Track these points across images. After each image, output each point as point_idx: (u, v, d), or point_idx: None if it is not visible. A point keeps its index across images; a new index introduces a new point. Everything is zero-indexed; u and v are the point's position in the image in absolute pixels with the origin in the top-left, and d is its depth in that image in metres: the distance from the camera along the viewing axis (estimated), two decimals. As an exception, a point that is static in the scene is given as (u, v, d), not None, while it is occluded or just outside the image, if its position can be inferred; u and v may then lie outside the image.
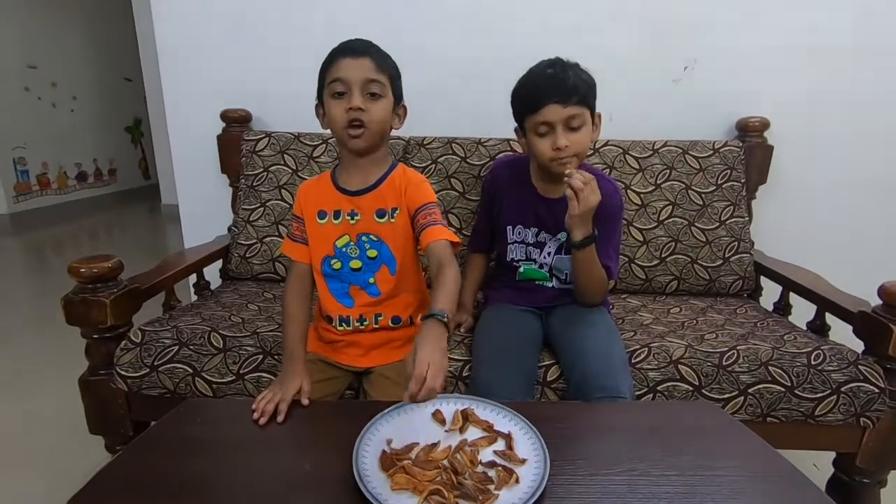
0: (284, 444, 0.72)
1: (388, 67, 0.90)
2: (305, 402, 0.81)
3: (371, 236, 0.94)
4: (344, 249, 0.95)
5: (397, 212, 0.94)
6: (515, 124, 1.05)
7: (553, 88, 0.93)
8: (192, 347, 1.04)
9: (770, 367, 0.99)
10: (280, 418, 0.76)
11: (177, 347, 1.04)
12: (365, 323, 0.97)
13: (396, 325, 0.98)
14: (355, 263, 0.95)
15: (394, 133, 0.97)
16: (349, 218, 0.94)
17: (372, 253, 0.95)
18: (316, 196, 0.97)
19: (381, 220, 0.94)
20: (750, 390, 0.99)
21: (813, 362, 1.00)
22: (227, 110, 1.53)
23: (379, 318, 0.97)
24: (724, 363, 1.00)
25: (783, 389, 0.98)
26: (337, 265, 0.96)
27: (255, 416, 0.76)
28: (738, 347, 1.03)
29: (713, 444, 0.70)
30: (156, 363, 1.03)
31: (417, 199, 0.93)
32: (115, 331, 1.05)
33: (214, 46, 1.54)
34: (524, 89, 0.99)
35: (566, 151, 0.96)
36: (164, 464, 0.66)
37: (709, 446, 0.69)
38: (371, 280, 0.96)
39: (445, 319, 0.73)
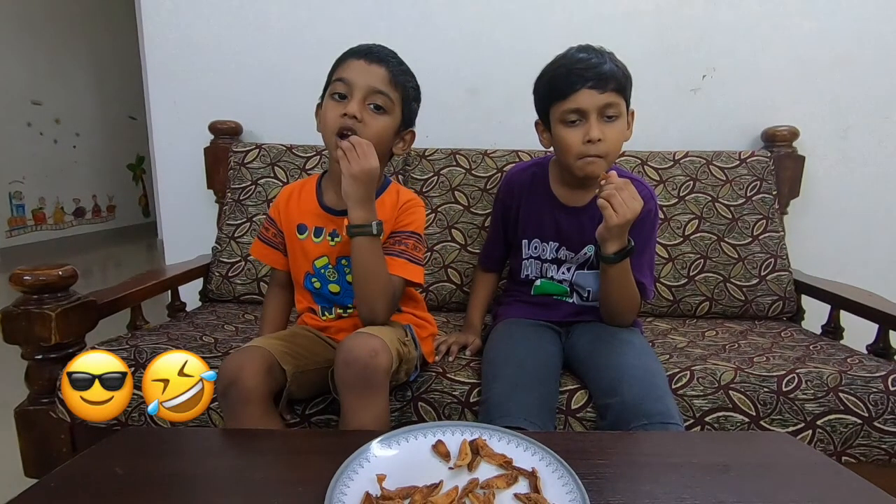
0: (238, 484, 0.55)
1: (403, 84, 0.80)
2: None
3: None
4: (323, 271, 0.88)
5: (383, 234, 0.80)
6: (536, 117, 0.93)
7: (588, 72, 0.82)
8: (150, 370, 0.88)
9: (840, 394, 0.83)
10: None
11: (132, 369, 0.88)
12: (349, 311, 0.89)
13: None
14: (334, 287, 0.88)
15: None
16: (329, 238, 0.86)
17: (352, 278, 0.83)
18: (297, 207, 0.89)
19: None
20: (819, 422, 0.82)
21: (892, 388, 0.83)
22: (215, 121, 1.44)
23: None
24: (783, 389, 0.83)
25: (859, 421, 0.81)
26: (317, 284, 0.89)
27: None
28: (798, 371, 0.86)
29: (806, 488, 0.53)
30: (105, 389, 0.87)
31: (400, 226, 0.85)
32: (61, 350, 0.89)
33: (205, 56, 1.46)
34: (552, 73, 0.87)
35: (598, 147, 0.83)
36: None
37: (801, 491, 0.52)
38: (352, 306, 0.88)
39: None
